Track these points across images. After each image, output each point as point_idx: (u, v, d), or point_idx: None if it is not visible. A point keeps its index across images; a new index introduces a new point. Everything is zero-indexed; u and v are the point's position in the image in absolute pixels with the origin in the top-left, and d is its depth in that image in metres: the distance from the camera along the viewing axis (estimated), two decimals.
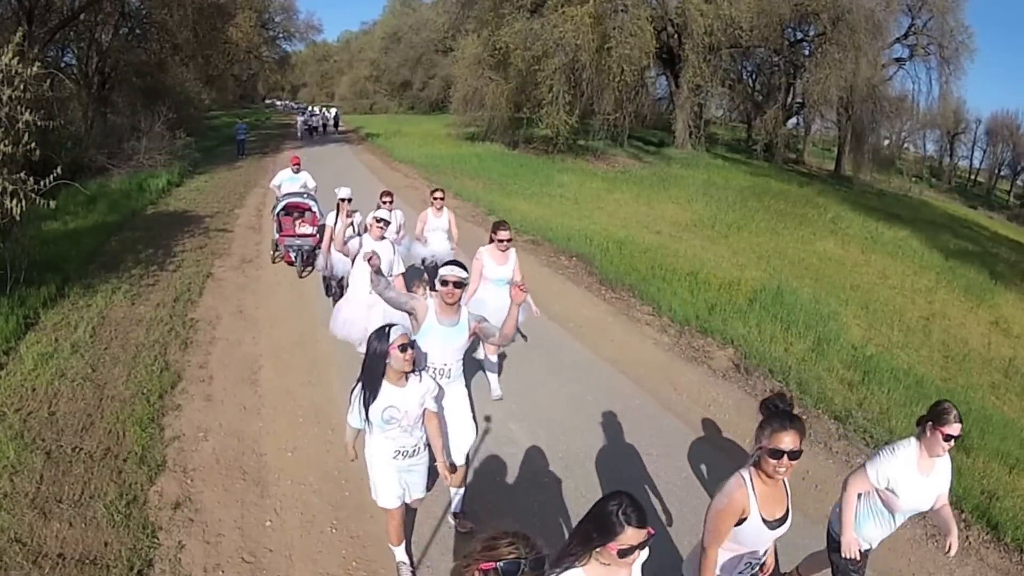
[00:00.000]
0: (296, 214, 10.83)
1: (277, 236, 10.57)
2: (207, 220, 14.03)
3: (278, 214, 10.67)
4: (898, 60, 35.99)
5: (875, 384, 7.45)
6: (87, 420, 5.81)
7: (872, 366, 8.02)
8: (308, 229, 10.58)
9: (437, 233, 8.38)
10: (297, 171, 11.42)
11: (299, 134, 37.58)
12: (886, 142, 36.82)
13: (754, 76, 39.71)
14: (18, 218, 7.83)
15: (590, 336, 8.33)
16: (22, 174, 7.79)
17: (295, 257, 10.31)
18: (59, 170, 8.20)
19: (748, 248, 14.99)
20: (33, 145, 7.86)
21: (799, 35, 34.39)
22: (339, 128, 43.85)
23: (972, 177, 62.54)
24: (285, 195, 10.93)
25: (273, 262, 10.83)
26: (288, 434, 5.75)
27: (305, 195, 10.95)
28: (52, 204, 8.20)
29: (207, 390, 6.50)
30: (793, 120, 38.84)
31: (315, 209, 10.75)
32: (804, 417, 6.24)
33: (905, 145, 40.48)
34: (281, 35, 56.30)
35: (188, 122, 27.90)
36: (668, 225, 16.47)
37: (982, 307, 14.15)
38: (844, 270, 14.58)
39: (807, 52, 33.46)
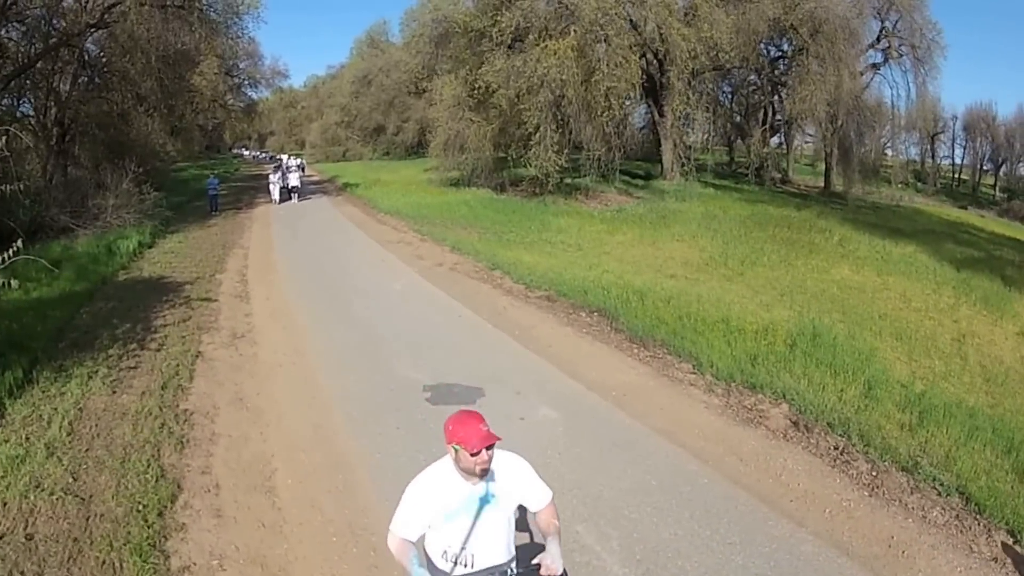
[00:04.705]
0: None
1: None
2: (187, 288, 12.84)
3: None
4: (873, 66, 35.72)
5: (932, 424, 7.02)
6: (74, 546, 4.78)
7: (925, 405, 7.56)
8: None
9: None
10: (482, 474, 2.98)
11: (276, 198, 29.17)
12: (871, 152, 36.18)
13: (731, 97, 39.46)
14: None
15: (635, 405, 7.48)
16: None
17: None
18: (20, 243, 7.12)
19: (766, 284, 14.46)
20: None
21: (778, 52, 34.23)
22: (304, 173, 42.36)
23: (956, 176, 63.13)
24: None
25: None
26: (322, 558, 4.76)
27: None
28: (13, 283, 7.13)
29: (215, 503, 5.46)
30: (775, 139, 38.40)
31: None
32: (874, 473, 5.93)
33: (885, 151, 39.82)
34: (246, 82, 55.47)
35: (155, 176, 26.78)
36: (680, 266, 15.86)
37: (1004, 319, 13.95)
38: (866, 297, 14.22)
39: (786, 68, 33.25)
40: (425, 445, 6.35)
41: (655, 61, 28.66)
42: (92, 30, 20.54)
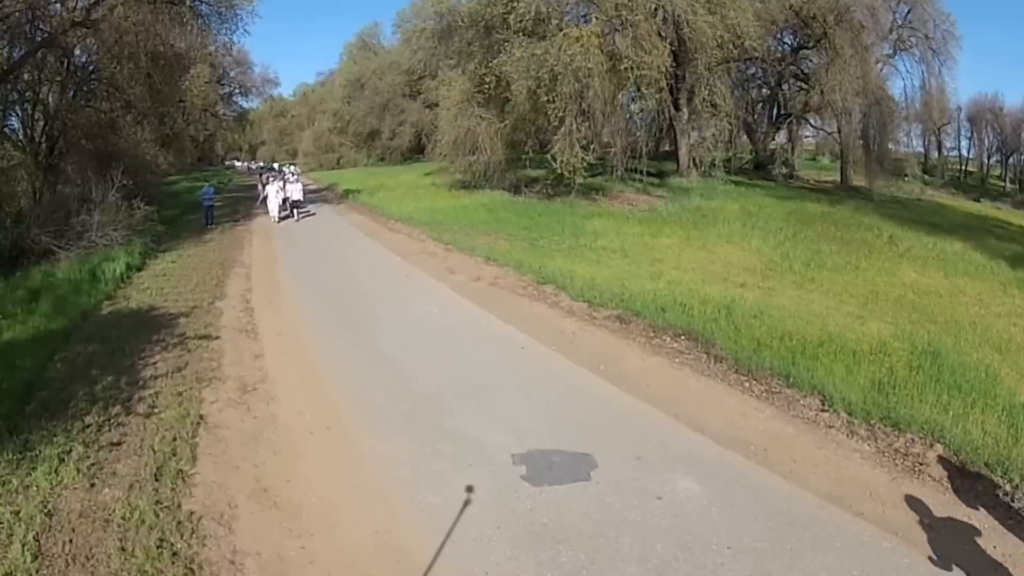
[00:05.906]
0: None
1: None
2: (182, 321, 10.64)
3: None
4: (887, 57, 35.18)
5: None
6: None
7: None
8: None
9: None
10: None
11: (275, 215, 24.92)
12: (882, 145, 35.39)
13: (742, 89, 38.01)
14: None
15: (785, 463, 5.83)
16: None
17: None
18: None
19: (843, 291, 12.86)
20: None
21: (798, 42, 33.19)
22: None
23: (963, 168, 61.89)
24: None
25: None
26: None
27: None
28: None
29: None
30: (784, 133, 37.57)
31: None
32: None
33: (891, 144, 39.09)
34: (237, 91, 54.56)
35: (146, 188, 24.62)
36: (744, 272, 14.07)
37: None
38: (945, 303, 12.92)
39: (797, 59, 32.44)
40: (549, 557, 4.49)
41: (670, 54, 27.01)
42: (77, 28, 18.61)
